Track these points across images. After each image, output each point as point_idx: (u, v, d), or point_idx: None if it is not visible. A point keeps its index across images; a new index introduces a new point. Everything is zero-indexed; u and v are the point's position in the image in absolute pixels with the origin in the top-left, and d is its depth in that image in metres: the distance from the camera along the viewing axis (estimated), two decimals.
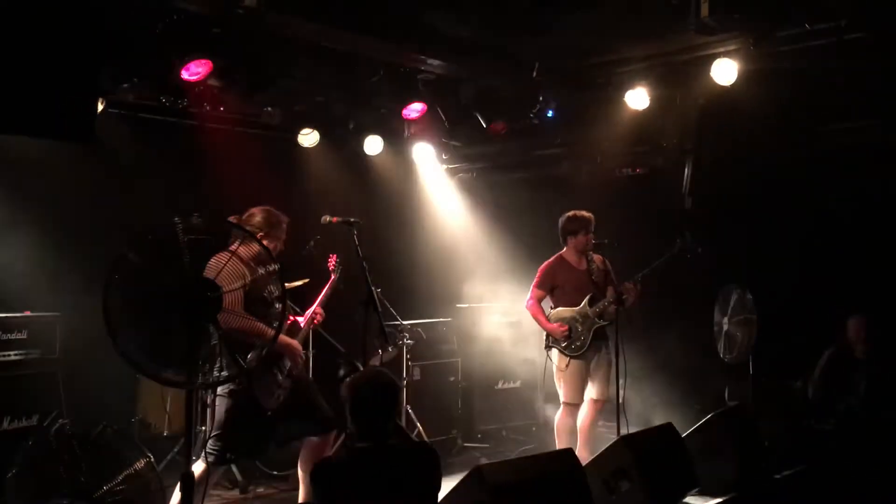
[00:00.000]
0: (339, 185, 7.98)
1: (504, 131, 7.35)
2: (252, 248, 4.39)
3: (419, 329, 7.39)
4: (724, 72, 5.95)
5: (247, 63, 5.88)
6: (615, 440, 4.96)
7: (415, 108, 7.04)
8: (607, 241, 6.20)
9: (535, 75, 6.83)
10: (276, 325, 4.03)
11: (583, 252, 6.28)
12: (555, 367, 6.24)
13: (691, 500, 5.26)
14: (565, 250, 6.37)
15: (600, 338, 6.18)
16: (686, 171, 7.15)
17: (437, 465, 3.42)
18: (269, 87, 6.21)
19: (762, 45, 5.75)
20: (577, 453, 4.95)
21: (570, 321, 6.18)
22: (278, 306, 4.39)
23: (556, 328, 6.17)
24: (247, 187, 6.35)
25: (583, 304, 6.19)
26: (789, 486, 5.87)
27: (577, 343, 6.14)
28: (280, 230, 4.86)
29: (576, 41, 6.36)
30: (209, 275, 3.81)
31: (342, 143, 7.81)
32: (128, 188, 6.52)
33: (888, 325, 5.75)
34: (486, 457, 7.26)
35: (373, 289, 5.06)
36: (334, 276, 5.31)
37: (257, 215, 4.82)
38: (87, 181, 6.35)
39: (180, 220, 3.50)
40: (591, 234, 6.23)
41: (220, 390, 4.51)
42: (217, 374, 4.23)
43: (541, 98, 7.14)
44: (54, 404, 5.69)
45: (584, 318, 6.17)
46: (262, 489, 6.32)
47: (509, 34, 6.31)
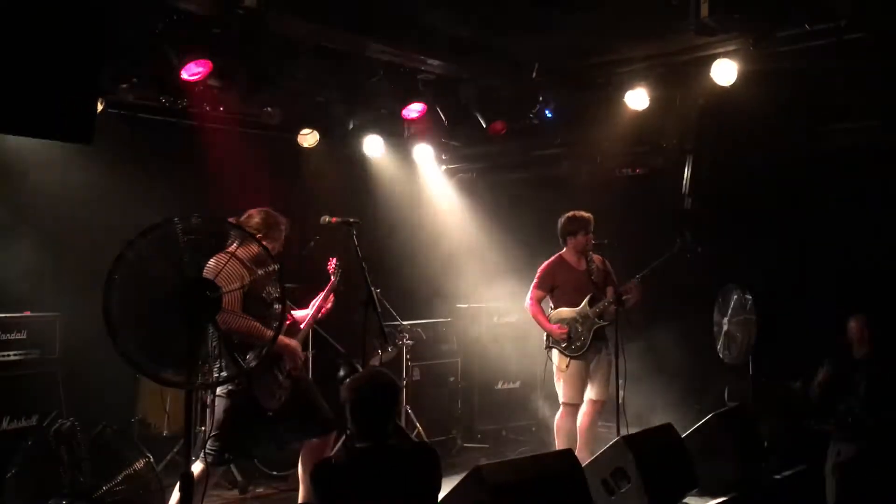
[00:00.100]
0: (339, 186, 7.98)
1: (504, 131, 7.35)
2: (251, 250, 4.38)
3: (419, 329, 7.39)
4: (724, 72, 5.95)
5: (247, 63, 5.88)
6: (615, 440, 4.96)
7: (415, 109, 7.04)
8: (607, 242, 6.20)
9: (534, 75, 6.83)
10: (275, 326, 4.03)
11: (582, 252, 6.28)
12: (555, 367, 6.24)
13: (691, 500, 5.26)
14: (565, 251, 6.36)
15: (600, 338, 6.18)
16: (686, 171, 7.16)
17: (437, 466, 3.42)
18: (269, 87, 6.21)
19: (762, 46, 5.75)
20: (576, 454, 4.95)
21: (571, 322, 6.18)
22: (277, 307, 4.39)
23: (556, 330, 6.17)
24: (247, 187, 6.36)
25: (583, 304, 6.19)
26: (789, 486, 5.88)
27: (578, 343, 6.14)
28: (278, 231, 4.86)
29: (576, 41, 6.37)
30: (208, 275, 3.81)
31: (342, 143, 7.80)
32: (128, 188, 6.52)
33: (888, 325, 5.74)
34: (485, 457, 7.25)
35: (372, 289, 5.06)
36: (334, 278, 5.31)
37: (255, 216, 4.82)
38: (87, 181, 6.34)
39: (180, 221, 3.51)
40: (591, 235, 6.23)
41: (219, 390, 4.50)
42: (216, 374, 4.23)
43: (540, 98, 7.15)
44: (54, 404, 5.69)
45: (585, 318, 6.16)
46: (261, 489, 6.33)
47: (509, 34, 6.30)
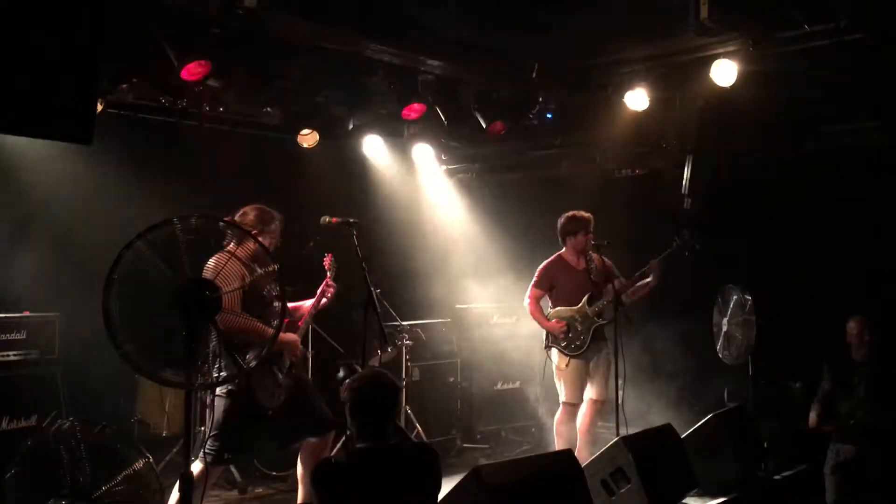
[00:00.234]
0: (339, 186, 7.98)
1: (504, 132, 7.34)
2: (249, 248, 4.39)
3: (418, 329, 7.39)
4: (724, 73, 5.94)
5: (246, 63, 5.88)
6: (614, 441, 4.96)
7: (414, 109, 7.03)
8: (607, 243, 6.19)
9: (534, 76, 6.83)
10: (275, 325, 4.03)
11: (582, 252, 6.28)
12: (554, 366, 6.24)
13: (691, 500, 5.26)
14: (564, 250, 6.36)
15: (600, 338, 6.18)
16: (686, 171, 7.15)
17: (437, 466, 3.42)
18: (268, 88, 6.21)
19: (762, 46, 5.75)
20: (576, 454, 4.96)
21: (570, 320, 6.18)
22: (277, 305, 4.39)
23: (554, 325, 6.17)
24: (246, 187, 6.34)
25: (581, 303, 6.19)
26: (789, 486, 5.88)
27: (577, 342, 6.14)
28: (273, 226, 4.87)
29: (576, 41, 6.37)
30: (208, 275, 3.81)
31: (342, 143, 7.80)
32: (128, 188, 6.52)
33: (888, 325, 5.74)
34: (485, 457, 7.26)
35: (372, 289, 5.06)
36: (330, 274, 5.31)
37: (250, 213, 4.84)
38: (87, 181, 6.34)
39: (179, 221, 3.51)
40: (591, 235, 6.23)
41: (219, 390, 4.50)
42: (216, 374, 4.23)
43: (540, 99, 7.15)
44: (54, 404, 5.68)
45: (584, 317, 6.16)
46: (260, 489, 6.33)
47: (509, 34, 6.30)
